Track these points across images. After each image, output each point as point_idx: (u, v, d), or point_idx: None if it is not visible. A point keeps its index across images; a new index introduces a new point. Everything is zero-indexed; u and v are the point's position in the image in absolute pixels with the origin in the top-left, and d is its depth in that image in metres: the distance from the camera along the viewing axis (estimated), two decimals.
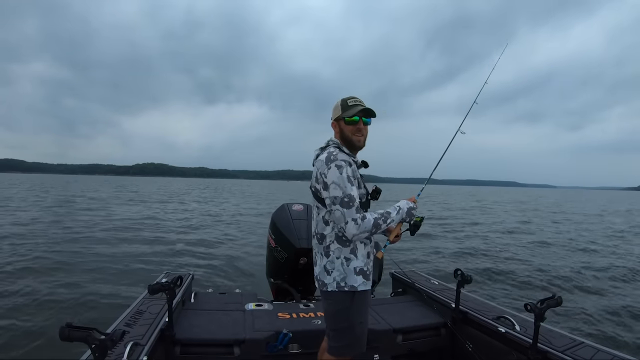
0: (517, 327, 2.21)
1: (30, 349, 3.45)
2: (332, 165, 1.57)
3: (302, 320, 2.47)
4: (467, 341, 2.33)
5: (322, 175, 1.61)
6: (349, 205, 1.53)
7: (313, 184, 1.68)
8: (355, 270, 1.64)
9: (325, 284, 1.66)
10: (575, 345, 1.96)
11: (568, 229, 14.50)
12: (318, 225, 1.70)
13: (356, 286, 1.63)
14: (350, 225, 1.52)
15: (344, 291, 1.63)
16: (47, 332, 3.69)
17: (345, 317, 1.66)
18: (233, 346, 2.17)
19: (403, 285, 3.33)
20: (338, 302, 1.65)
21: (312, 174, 1.74)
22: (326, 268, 1.66)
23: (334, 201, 1.55)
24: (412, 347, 2.50)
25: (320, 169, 1.62)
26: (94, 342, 1.30)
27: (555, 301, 1.83)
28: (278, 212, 3.27)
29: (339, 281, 1.63)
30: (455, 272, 2.41)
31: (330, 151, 1.64)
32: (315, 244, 1.74)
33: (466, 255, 8.59)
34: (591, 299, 5.57)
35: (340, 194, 1.54)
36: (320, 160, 1.65)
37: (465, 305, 2.56)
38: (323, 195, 1.61)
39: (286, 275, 3.13)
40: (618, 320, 4.73)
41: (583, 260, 8.16)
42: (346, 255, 1.64)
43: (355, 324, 1.67)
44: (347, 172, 1.57)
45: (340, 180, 1.55)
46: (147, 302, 2.39)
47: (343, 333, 1.68)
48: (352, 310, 1.65)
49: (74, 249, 7.60)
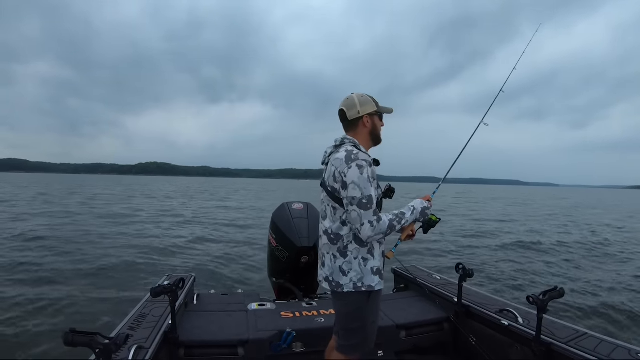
0: (520, 319, 2.21)
1: (35, 355, 3.45)
2: (352, 165, 1.53)
3: (305, 319, 2.47)
4: (470, 335, 2.33)
5: (341, 174, 1.56)
6: (367, 207, 1.51)
7: (330, 184, 1.62)
8: (373, 270, 1.63)
9: (340, 285, 1.62)
10: (578, 336, 1.96)
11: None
12: (334, 225, 1.64)
13: (373, 286, 1.62)
14: (366, 227, 1.51)
15: (361, 291, 1.61)
16: (51, 338, 3.69)
17: (358, 317, 1.65)
18: (237, 347, 2.17)
19: (405, 281, 3.33)
20: (353, 303, 1.63)
21: (324, 172, 1.70)
22: (342, 269, 1.62)
23: (352, 202, 1.52)
24: (416, 342, 2.51)
25: (340, 167, 1.57)
26: (98, 346, 1.30)
27: (557, 293, 1.84)
28: (278, 212, 3.27)
29: (355, 282, 1.60)
30: (457, 266, 2.41)
31: (350, 150, 1.60)
32: (327, 244, 1.68)
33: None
34: (595, 290, 5.59)
35: (359, 194, 1.51)
36: (338, 158, 1.59)
37: (468, 300, 2.56)
38: (342, 195, 1.58)
39: (288, 274, 3.13)
40: (622, 311, 4.75)
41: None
42: (364, 256, 1.62)
43: (368, 323, 1.66)
44: (368, 172, 1.54)
45: (361, 180, 1.51)
46: (149, 305, 2.39)
47: (355, 332, 1.67)
48: (366, 310, 1.64)
49: (82, 253, 7.60)
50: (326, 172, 1.68)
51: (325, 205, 1.70)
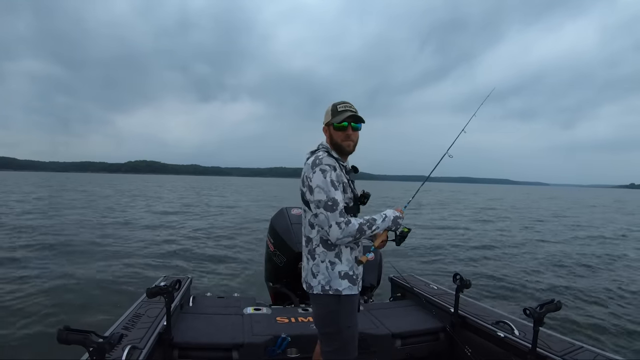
0: (516, 331, 2.20)
1: (28, 352, 3.43)
2: (316, 169, 1.59)
3: (300, 325, 2.46)
4: (466, 346, 2.32)
5: (307, 179, 1.63)
6: (332, 208, 1.55)
7: (301, 187, 1.70)
8: (340, 274, 1.65)
9: (311, 287, 1.68)
10: (574, 349, 1.95)
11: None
12: (305, 228, 1.73)
13: (341, 290, 1.63)
14: (334, 229, 1.54)
15: (329, 295, 1.64)
16: (45, 335, 3.67)
17: (332, 321, 1.67)
18: (232, 350, 2.17)
19: (402, 290, 3.32)
20: (325, 305, 1.67)
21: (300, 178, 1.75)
22: (312, 271, 1.67)
23: (318, 205, 1.57)
24: (411, 352, 2.49)
25: (307, 172, 1.64)
26: (91, 345, 1.30)
27: (554, 306, 1.83)
28: (277, 217, 3.27)
29: (323, 284, 1.64)
30: (454, 276, 2.41)
31: (318, 155, 1.66)
32: (303, 246, 1.76)
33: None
34: (591, 304, 5.57)
35: (324, 197, 1.55)
36: (307, 164, 1.67)
37: (465, 310, 2.55)
38: (308, 198, 1.64)
39: (285, 280, 3.12)
40: (618, 324, 4.73)
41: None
42: (331, 259, 1.65)
43: (342, 328, 1.66)
44: (331, 176, 1.58)
45: (324, 184, 1.57)
46: (145, 305, 2.39)
47: (331, 337, 1.68)
48: (339, 314, 1.66)
49: (78, 251, 7.58)
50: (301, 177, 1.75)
51: (301, 208, 1.77)
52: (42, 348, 3.47)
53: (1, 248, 7.76)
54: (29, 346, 3.54)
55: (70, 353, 1.54)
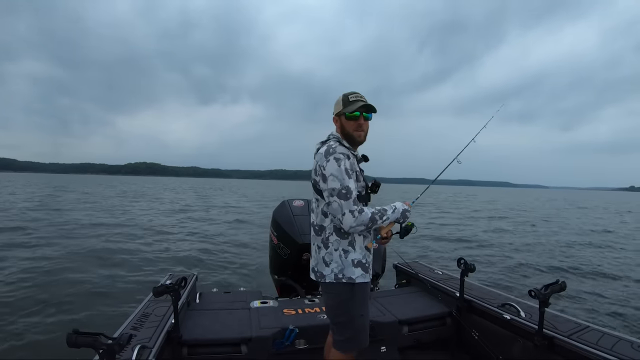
0: (522, 313, 2.21)
1: (38, 356, 3.46)
2: (330, 158, 1.60)
3: (307, 316, 2.48)
4: (472, 329, 2.34)
5: (321, 168, 1.63)
6: (346, 197, 1.56)
7: (313, 177, 1.71)
8: (354, 262, 1.66)
9: (323, 275, 1.68)
10: (580, 329, 1.96)
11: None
12: (317, 217, 1.73)
13: (354, 278, 1.65)
14: (348, 217, 1.55)
15: (342, 283, 1.65)
16: (54, 339, 3.70)
17: (344, 309, 1.67)
18: (240, 345, 2.18)
19: (407, 277, 3.34)
20: (337, 294, 1.67)
21: (312, 167, 1.76)
22: (324, 260, 1.68)
23: (332, 193, 1.58)
24: (418, 337, 2.51)
25: (320, 161, 1.65)
26: (101, 347, 1.30)
27: (559, 286, 1.84)
28: (279, 209, 3.27)
29: (336, 273, 1.65)
30: (458, 261, 2.41)
31: (330, 144, 1.68)
32: (313, 236, 1.76)
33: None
34: (596, 284, 5.60)
35: (338, 185, 1.56)
36: (320, 153, 1.68)
37: (470, 294, 2.56)
38: (321, 187, 1.64)
39: (290, 272, 3.14)
40: (624, 303, 4.76)
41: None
42: (344, 248, 1.66)
43: (355, 316, 1.68)
44: (345, 164, 1.59)
45: (339, 172, 1.57)
46: (152, 304, 2.40)
47: (344, 326, 1.69)
48: (351, 302, 1.66)
49: (83, 253, 7.61)
50: (313, 166, 1.75)
51: (312, 198, 1.78)
52: (51, 351, 3.50)
53: (4, 249, 7.80)
54: (38, 349, 3.56)
55: (80, 354, 1.55)
